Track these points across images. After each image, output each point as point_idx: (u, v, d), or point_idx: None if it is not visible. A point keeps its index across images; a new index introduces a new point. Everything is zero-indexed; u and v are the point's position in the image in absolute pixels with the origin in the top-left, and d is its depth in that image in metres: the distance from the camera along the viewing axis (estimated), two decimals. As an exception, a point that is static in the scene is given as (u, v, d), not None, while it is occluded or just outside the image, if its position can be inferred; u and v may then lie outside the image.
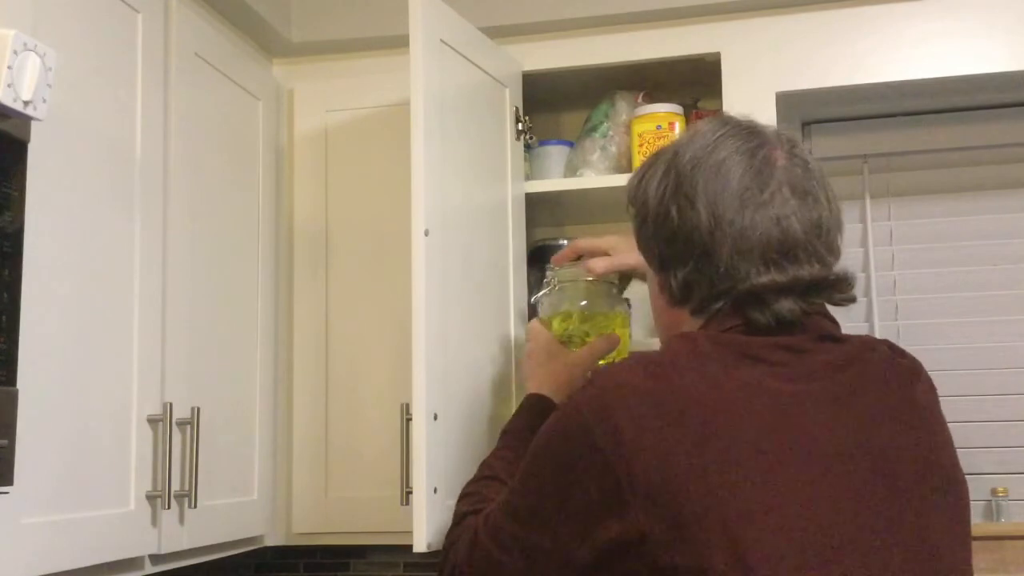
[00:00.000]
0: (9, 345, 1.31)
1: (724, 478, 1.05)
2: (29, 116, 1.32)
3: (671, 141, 1.38)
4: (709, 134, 1.26)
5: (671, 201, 1.25)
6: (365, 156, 2.26)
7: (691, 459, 1.05)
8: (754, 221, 1.19)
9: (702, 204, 1.21)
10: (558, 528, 1.14)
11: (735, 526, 1.03)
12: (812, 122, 2.46)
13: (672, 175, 1.26)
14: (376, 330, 2.19)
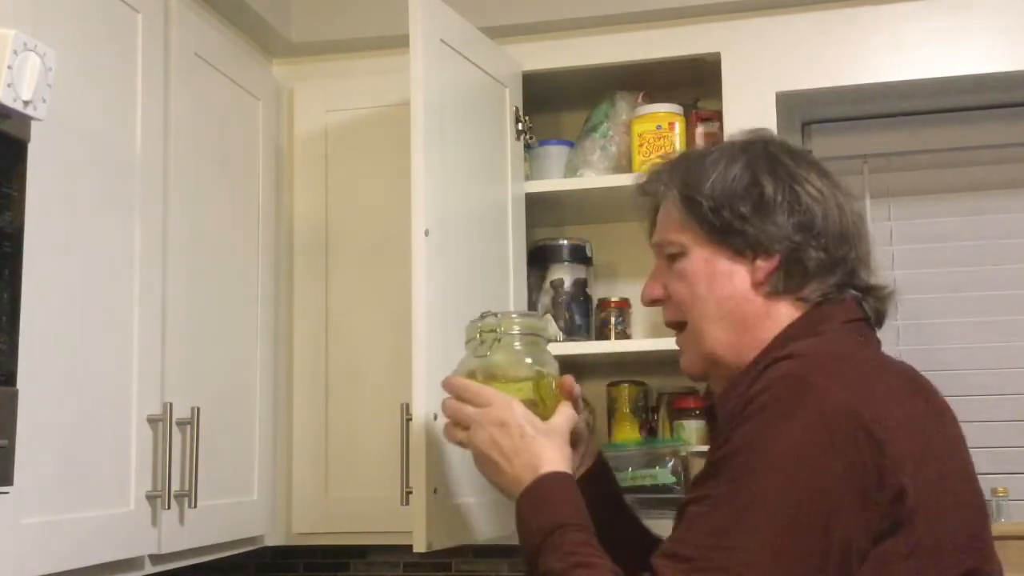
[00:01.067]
0: (9, 345, 1.30)
1: (956, 493, 1.09)
2: (29, 116, 1.32)
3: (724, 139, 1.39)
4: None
5: (795, 183, 1.21)
6: (365, 156, 2.26)
7: (937, 471, 1.06)
8: (864, 222, 1.26)
9: (839, 191, 1.23)
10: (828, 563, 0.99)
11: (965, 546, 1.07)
12: (812, 122, 2.46)
13: (783, 159, 1.23)
14: (376, 330, 2.19)
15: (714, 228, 1.22)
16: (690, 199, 1.23)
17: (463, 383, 1.25)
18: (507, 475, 1.19)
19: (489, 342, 1.28)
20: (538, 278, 2.28)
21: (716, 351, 1.22)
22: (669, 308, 1.29)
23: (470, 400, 1.24)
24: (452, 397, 1.28)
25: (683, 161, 1.31)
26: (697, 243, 1.23)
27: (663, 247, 1.29)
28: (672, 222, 1.27)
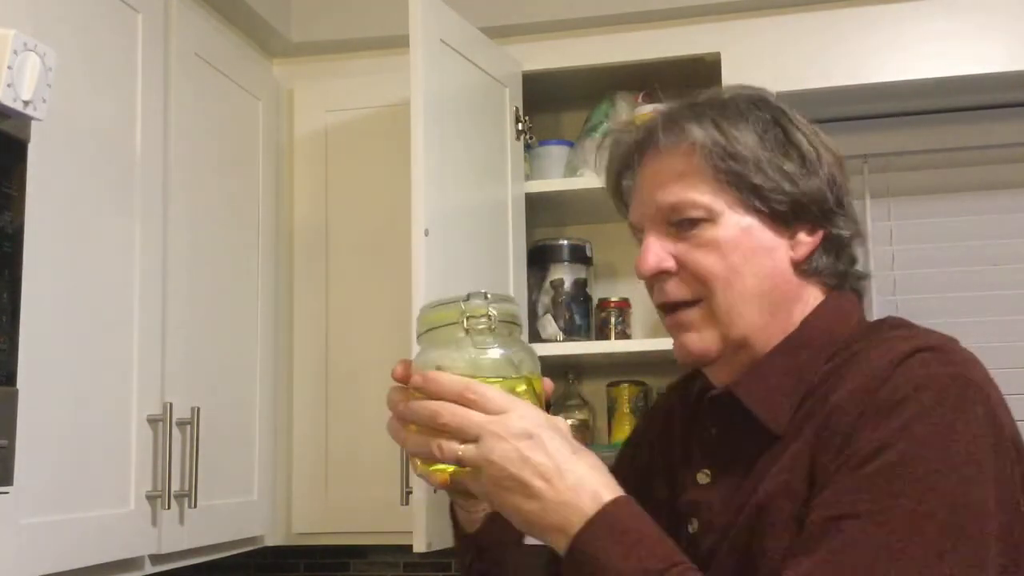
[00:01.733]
0: (9, 345, 1.30)
1: None
2: (29, 116, 1.31)
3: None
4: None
5: (822, 148, 1.09)
6: (365, 156, 2.26)
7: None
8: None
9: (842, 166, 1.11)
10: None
11: None
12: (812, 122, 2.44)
13: (797, 125, 1.10)
14: (376, 330, 2.19)
15: (755, 191, 1.04)
16: (730, 154, 1.04)
17: (465, 381, 0.92)
18: (547, 501, 0.90)
19: (479, 331, 0.97)
20: (538, 278, 2.29)
21: (748, 334, 1.05)
22: (677, 282, 1.07)
23: (476, 404, 0.91)
24: (428, 398, 0.94)
25: (705, 107, 1.09)
26: (732, 208, 1.05)
27: (677, 209, 1.06)
28: (692, 180, 1.06)
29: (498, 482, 0.90)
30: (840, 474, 0.91)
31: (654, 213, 1.08)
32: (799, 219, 1.06)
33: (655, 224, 1.08)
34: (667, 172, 1.08)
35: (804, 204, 1.06)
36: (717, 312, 1.05)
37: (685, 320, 1.07)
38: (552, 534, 0.91)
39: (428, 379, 0.93)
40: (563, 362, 2.31)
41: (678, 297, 1.07)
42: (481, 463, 0.90)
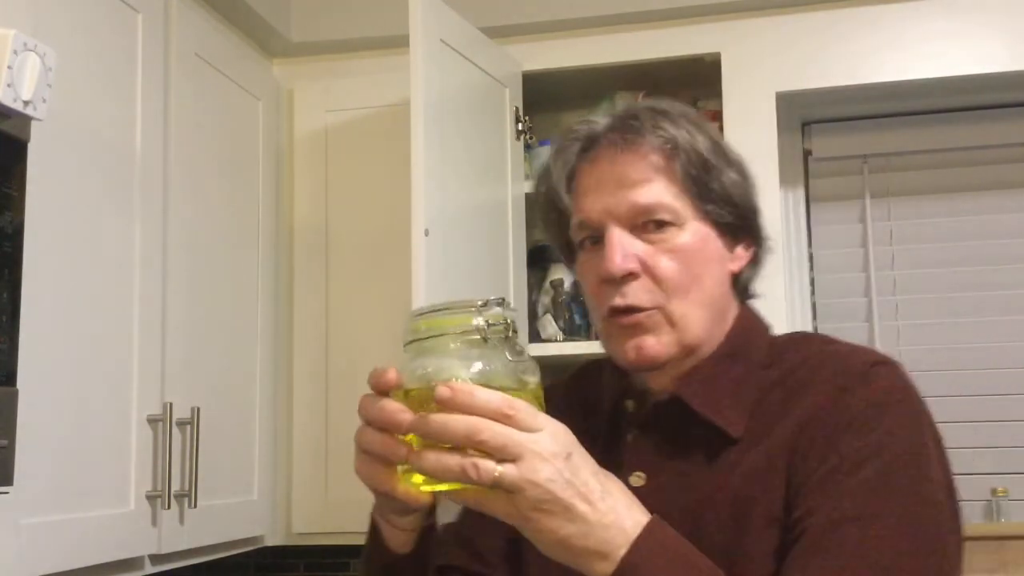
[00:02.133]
0: (9, 345, 1.30)
1: None
2: (29, 116, 1.32)
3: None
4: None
5: (746, 167, 1.11)
6: (365, 156, 2.26)
7: None
8: None
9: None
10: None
11: None
12: (812, 122, 2.46)
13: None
14: (376, 330, 2.19)
15: (712, 200, 1.07)
16: (701, 159, 1.06)
17: (505, 396, 0.84)
18: (590, 524, 0.86)
19: (496, 340, 0.89)
20: (538, 278, 2.29)
21: (699, 341, 1.06)
22: (642, 286, 1.05)
23: (514, 421, 0.84)
24: (445, 412, 0.84)
25: (679, 114, 1.10)
26: (693, 216, 1.06)
27: (650, 211, 1.05)
28: (664, 181, 1.06)
29: (538, 505, 0.84)
30: (832, 480, 0.95)
31: (624, 212, 1.06)
32: (740, 233, 1.10)
33: (621, 223, 1.06)
34: (640, 170, 1.06)
35: (746, 218, 1.10)
36: (674, 317, 1.05)
37: (645, 323, 1.05)
38: (589, 558, 0.87)
39: (460, 391, 0.83)
40: (563, 362, 2.31)
41: (642, 302, 1.05)
42: (523, 485, 0.83)
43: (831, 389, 1.00)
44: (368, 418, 0.88)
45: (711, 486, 1.01)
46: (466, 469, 0.82)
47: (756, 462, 1.00)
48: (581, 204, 1.09)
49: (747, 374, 1.06)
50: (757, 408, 1.04)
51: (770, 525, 0.97)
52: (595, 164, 1.09)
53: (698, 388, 1.06)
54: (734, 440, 1.02)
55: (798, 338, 1.12)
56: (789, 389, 1.03)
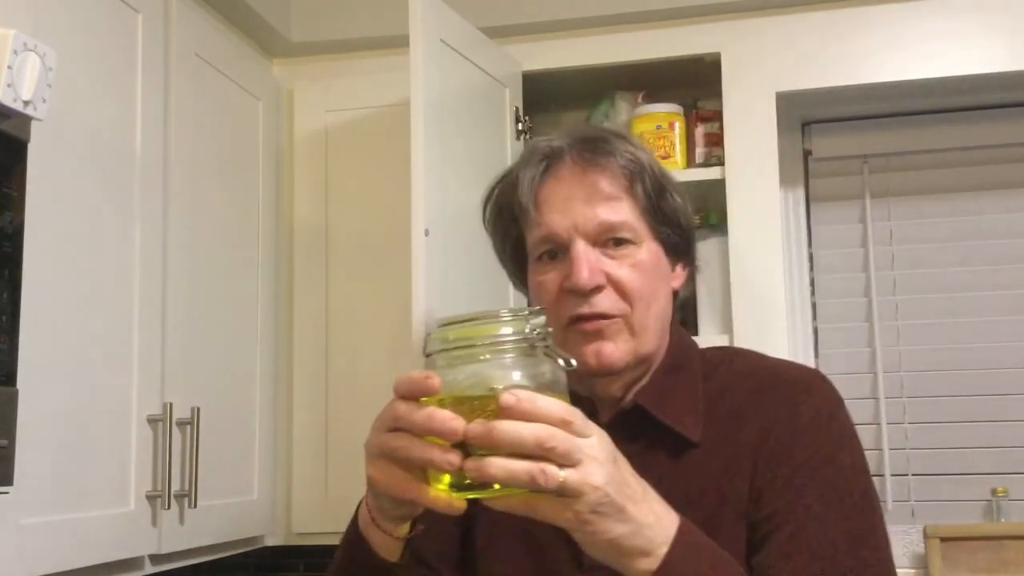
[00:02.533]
0: (9, 345, 1.30)
1: None
2: (29, 116, 1.32)
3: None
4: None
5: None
6: (365, 156, 2.26)
7: None
8: None
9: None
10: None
11: None
12: (812, 122, 2.46)
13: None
14: (376, 330, 2.19)
15: (664, 221, 1.15)
16: (660, 183, 1.15)
17: (565, 404, 0.88)
18: (638, 525, 0.91)
19: (540, 348, 0.91)
20: (538, 278, 2.28)
21: (651, 351, 1.15)
22: (607, 297, 1.12)
23: (573, 427, 0.87)
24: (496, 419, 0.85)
25: (634, 140, 1.20)
26: (648, 235, 1.15)
27: (616, 229, 1.12)
28: (629, 201, 1.13)
29: (596, 507, 0.87)
30: (794, 482, 1.07)
31: (591, 228, 1.12)
32: (681, 253, 1.19)
33: (588, 238, 1.12)
34: (606, 189, 1.13)
35: (688, 240, 1.19)
36: (633, 327, 1.13)
37: (606, 330, 1.12)
38: (634, 556, 0.91)
39: (524, 399, 0.85)
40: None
41: (608, 310, 1.12)
42: (584, 489, 0.86)
43: (783, 400, 1.12)
44: (412, 425, 0.87)
45: (681, 487, 1.07)
46: (535, 475, 0.83)
47: (720, 465, 1.10)
48: (546, 219, 1.14)
49: (692, 384, 1.16)
50: (709, 415, 1.13)
51: (737, 521, 1.08)
52: (560, 180, 1.14)
53: (656, 397, 1.14)
54: (694, 444, 1.12)
55: (729, 352, 1.23)
56: (740, 399, 1.14)
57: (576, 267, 1.10)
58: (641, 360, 1.14)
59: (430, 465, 0.88)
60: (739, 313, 2.08)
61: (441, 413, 0.86)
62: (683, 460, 1.12)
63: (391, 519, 1.00)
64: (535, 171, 1.15)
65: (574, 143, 1.15)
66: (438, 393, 0.87)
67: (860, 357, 2.38)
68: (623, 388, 1.15)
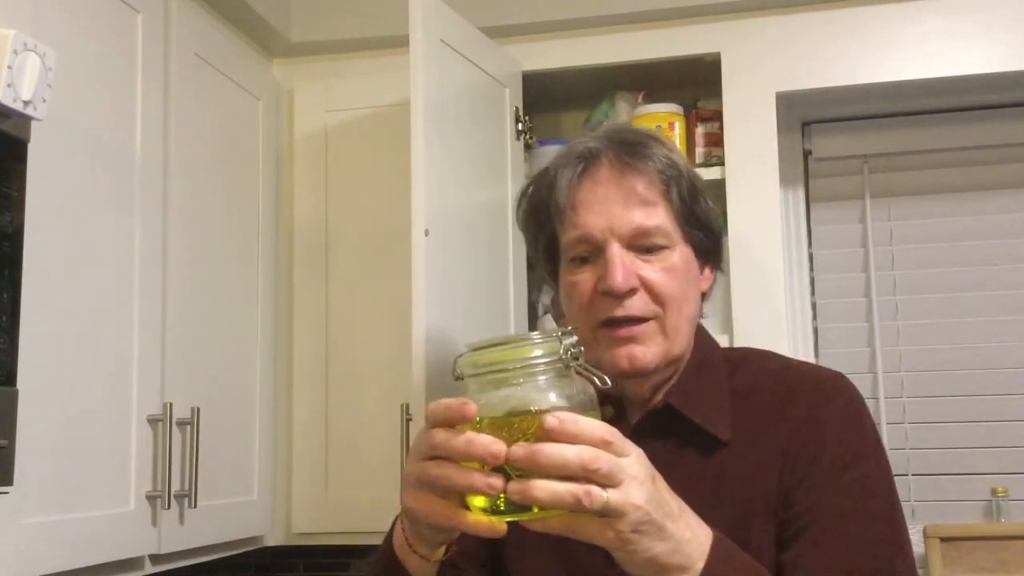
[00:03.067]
0: (9, 345, 1.30)
1: None
2: (29, 116, 1.32)
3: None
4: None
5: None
6: (365, 156, 2.26)
7: None
8: None
9: None
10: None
11: None
12: (812, 122, 2.45)
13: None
14: (376, 330, 2.19)
15: (696, 225, 1.17)
16: (695, 187, 1.17)
17: (605, 425, 0.89)
18: (676, 542, 0.92)
19: (575, 368, 0.93)
20: (538, 278, 2.28)
21: (681, 352, 1.17)
22: (641, 300, 1.14)
23: (614, 448, 0.88)
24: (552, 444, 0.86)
25: (670, 144, 1.21)
26: (680, 239, 1.16)
27: (652, 234, 1.14)
28: (665, 205, 1.15)
29: (637, 527, 0.89)
30: (824, 481, 1.09)
31: (627, 231, 1.13)
32: (709, 256, 1.21)
33: (622, 241, 1.13)
34: (643, 193, 1.14)
35: (717, 243, 1.21)
36: (666, 330, 1.14)
37: (639, 334, 1.13)
38: (672, 573, 0.92)
39: (568, 421, 0.86)
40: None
41: (641, 313, 1.13)
42: (627, 508, 0.88)
43: (811, 401, 1.14)
44: (451, 451, 0.88)
45: (710, 484, 1.11)
46: (580, 496, 0.85)
47: (750, 463, 1.12)
48: (582, 220, 1.14)
49: (718, 383, 1.18)
50: (736, 414, 1.15)
51: (767, 519, 1.09)
52: (597, 183, 1.15)
53: (686, 397, 1.16)
54: (723, 443, 1.13)
55: (750, 354, 1.25)
56: (768, 399, 1.15)
57: (611, 270, 1.12)
58: (671, 362, 1.16)
59: (471, 491, 0.88)
60: (739, 313, 2.08)
61: (481, 438, 0.86)
62: (713, 458, 1.13)
63: (430, 544, 1.00)
64: (572, 172, 1.16)
65: (612, 145, 1.16)
66: (474, 419, 0.88)
67: (860, 357, 2.38)
68: (652, 389, 1.17)
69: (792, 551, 1.07)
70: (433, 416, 0.90)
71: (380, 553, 1.08)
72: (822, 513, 1.07)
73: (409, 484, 0.93)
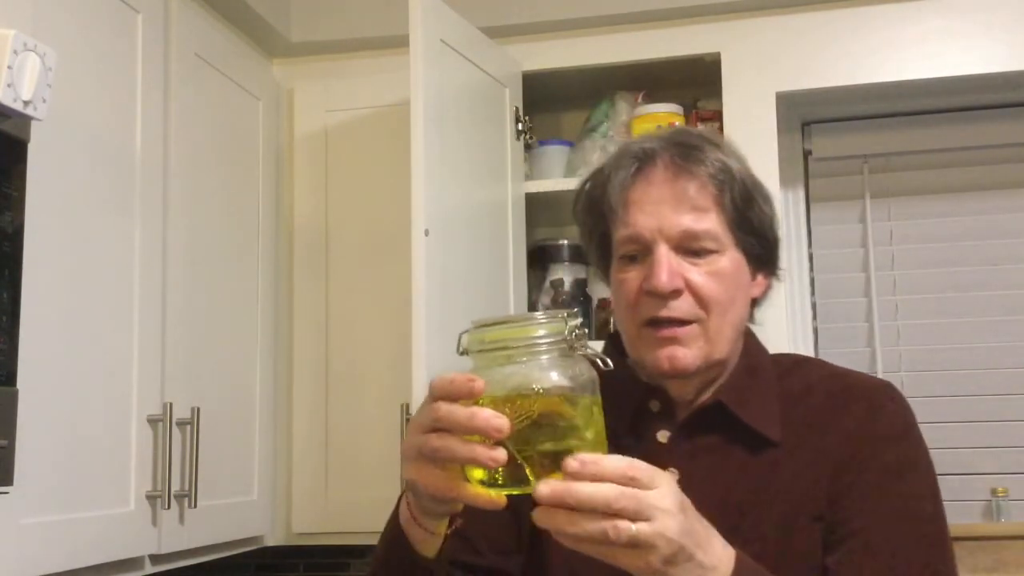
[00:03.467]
0: (9, 345, 1.31)
1: None
2: (29, 116, 1.32)
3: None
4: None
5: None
6: (365, 156, 2.26)
7: None
8: None
9: None
10: None
11: None
12: (812, 122, 2.46)
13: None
14: (376, 330, 2.19)
15: (749, 232, 1.16)
16: (749, 194, 1.16)
17: (627, 461, 0.89)
18: (705, 569, 0.94)
19: (580, 350, 0.93)
20: (538, 278, 2.29)
21: (725, 356, 1.17)
22: (685, 302, 1.14)
23: (638, 482, 0.88)
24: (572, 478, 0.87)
25: (726, 144, 1.20)
26: (731, 244, 1.15)
27: (701, 238, 1.14)
28: (717, 210, 1.14)
29: (669, 558, 0.90)
30: (875, 488, 1.11)
31: (676, 234, 1.13)
32: (763, 264, 1.19)
33: (671, 243, 1.14)
34: (695, 197, 1.14)
35: (772, 251, 1.20)
36: (709, 333, 1.14)
37: (681, 335, 1.14)
38: None
39: (588, 463, 0.87)
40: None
41: (685, 315, 1.14)
42: (657, 541, 0.88)
43: (863, 409, 1.15)
44: (455, 424, 0.88)
45: (756, 484, 1.12)
46: (607, 531, 0.87)
47: (799, 466, 1.13)
48: (632, 220, 1.15)
49: (769, 386, 1.19)
50: (786, 417, 1.16)
51: (813, 522, 1.10)
52: (651, 184, 1.16)
53: (737, 396, 1.17)
54: (773, 444, 1.14)
55: (800, 360, 1.26)
56: (819, 404, 1.17)
57: (656, 270, 1.12)
58: (712, 365, 1.16)
59: (474, 463, 0.89)
60: (739, 313, 2.08)
61: (484, 412, 0.87)
62: (761, 458, 1.14)
63: (432, 516, 1.01)
64: (626, 172, 1.17)
65: (668, 147, 1.17)
66: (480, 396, 0.88)
67: (860, 357, 2.38)
68: (696, 390, 1.18)
69: (839, 555, 1.09)
70: (437, 389, 0.90)
71: (386, 528, 1.09)
72: (871, 518, 1.10)
73: (410, 456, 0.93)
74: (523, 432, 0.88)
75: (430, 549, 1.04)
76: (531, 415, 0.88)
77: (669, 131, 1.23)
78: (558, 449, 0.88)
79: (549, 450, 0.88)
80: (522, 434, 0.88)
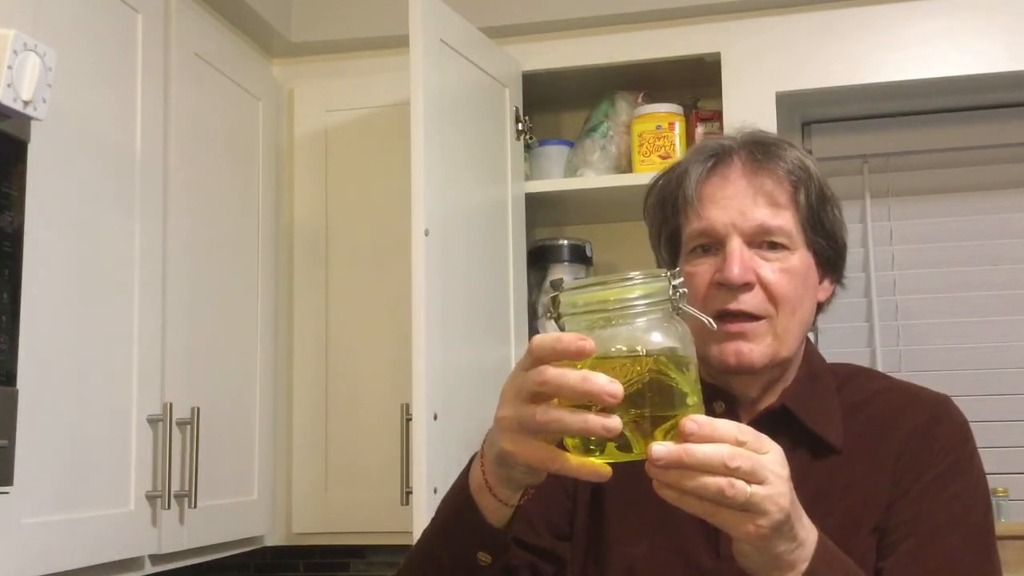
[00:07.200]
0: (9, 345, 1.31)
1: None
2: (29, 116, 1.32)
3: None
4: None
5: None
6: (365, 156, 2.26)
7: None
8: None
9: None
10: None
11: None
12: (812, 122, 2.45)
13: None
14: (376, 330, 2.19)
15: (820, 233, 1.17)
16: (823, 194, 1.17)
17: (737, 425, 0.87)
18: (799, 542, 0.92)
19: (677, 309, 0.88)
20: (538, 278, 2.28)
21: (790, 356, 1.17)
22: (756, 297, 1.13)
23: (751, 445, 0.87)
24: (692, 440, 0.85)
25: (804, 151, 1.22)
26: (803, 244, 1.16)
27: (775, 233, 1.14)
28: (791, 207, 1.15)
29: (778, 525, 0.88)
30: (929, 493, 1.12)
31: (750, 228, 1.14)
32: (831, 268, 1.20)
33: (744, 236, 1.14)
34: (772, 193, 1.15)
35: (840, 255, 1.21)
36: (778, 330, 1.14)
37: (750, 330, 1.14)
38: (781, 571, 0.93)
39: (704, 425, 0.84)
40: (563, 362, 2.31)
41: (754, 309, 1.13)
42: (770, 507, 0.87)
43: (922, 418, 1.17)
44: (565, 389, 0.83)
45: (818, 489, 1.11)
46: (723, 489, 0.84)
47: (860, 473, 1.14)
48: (707, 213, 1.16)
49: (830, 393, 1.20)
50: (847, 424, 1.17)
51: (872, 529, 1.12)
52: (727, 179, 1.17)
53: (801, 401, 1.17)
54: (835, 451, 1.15)
55: (856, 369, 1.28)
56: (880, 413, 1.18)
57: (729, 262, 1.12)
58: (778, 363, 1.16)
59: (586, 433, 0.85)
60: (739, 313, 2.08)
61: (598, 376, 0.82)
62: (822, 464, 1.14)
63: (513, 487, 0.98)
64: (703, 167, 1.18)
65: (745, 144, 1.19)
66: (590, 356, 0.83)
67: (860, 357, 2.38)
68: (759, 389, 1.18)
69: (891, 560, 1.10)
70: (541, 350, 0.85)
71: (451, 495, 1.06)
72: (923, 524, 1.11)
73: (508, 428, 0.89)
74: (630, 397, 0.83)
75: (500, 520, 1.01)
76: (642, 379, 0.84)
77: (746, 130, 1.24)
78: (668, 414, 0.84)
79: (660, 415, 0.84)
80: (629, 399, 0.83)
